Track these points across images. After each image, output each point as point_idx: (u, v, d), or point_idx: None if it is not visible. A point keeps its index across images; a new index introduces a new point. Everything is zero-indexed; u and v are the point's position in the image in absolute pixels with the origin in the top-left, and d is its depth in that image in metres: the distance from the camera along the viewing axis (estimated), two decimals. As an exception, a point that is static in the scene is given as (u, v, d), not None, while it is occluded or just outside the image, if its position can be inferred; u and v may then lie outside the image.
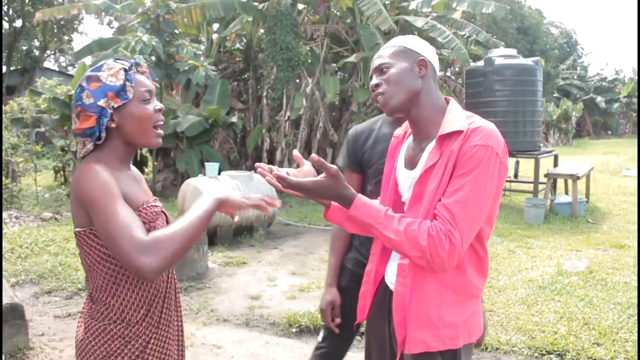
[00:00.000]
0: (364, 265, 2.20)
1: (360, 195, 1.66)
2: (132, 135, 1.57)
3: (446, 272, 1.63)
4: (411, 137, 1.84)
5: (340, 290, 2.38)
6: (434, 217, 1.61)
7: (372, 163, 2.30)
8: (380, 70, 1.76)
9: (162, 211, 1.64)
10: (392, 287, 1.82)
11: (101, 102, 1.52)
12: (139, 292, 1.57)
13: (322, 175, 1.61)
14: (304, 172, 1.74)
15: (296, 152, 1.72)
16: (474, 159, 1.59)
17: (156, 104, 1.61)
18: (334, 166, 1.60)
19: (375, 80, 1.77)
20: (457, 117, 1.70)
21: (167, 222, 1.62)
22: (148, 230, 1.46)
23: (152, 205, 1.58)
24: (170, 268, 1.52)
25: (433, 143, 1.69)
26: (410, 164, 1.79)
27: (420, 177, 1.71)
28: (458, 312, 1.70)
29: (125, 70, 1.56)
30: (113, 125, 1.55)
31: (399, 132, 1.94)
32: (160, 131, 1.62)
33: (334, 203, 1.74)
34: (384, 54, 1.78)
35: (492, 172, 1.60)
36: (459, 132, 1.64)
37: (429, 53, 1.77)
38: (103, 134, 1.55)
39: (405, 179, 1.80)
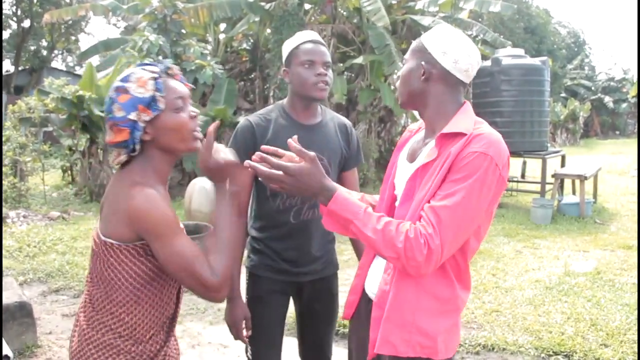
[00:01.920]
0: (276, 270, 2.21)
1: (341, 189, 1.59)
2: (170, 144, 1.52)
3: (422, 277, 1.56)
4: (422, 132, 1.81)
5: (256, 300, 2.24)
6: (420, 218, 1.54)
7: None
8: (404, 61, 1.77)
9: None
10: (371, 295, 1.81)
11: (132, 116, 1.45)
12: (155, 313, 1.55)
13: (302, 162, 1.54)
14: (287, 157, 1.63)
15: (290, 140, 1.57)
16: (471, 166, 1.51)
17: (191, 110, 1.53)
18: (312, 153, 1.55)
19: (399, 71, 1.79)
20: (464, 120, 1.64)
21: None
22: None
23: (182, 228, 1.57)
24: None
25: (434, 141, 1.65)
26: (411, 157, 1.77)
27: (414, 173, 1.67)
28: (435, 322, 1.63)
29: (155, 78, 1.47)
30: (147, 138, 1.48)
31: (413, 126, 1.92)
32: (199, 134, 1.56)
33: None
34: (411, 47, 1.75)
35: (489, 184, 1.52)
36: (461, 135, 1.58)
37: (442, 50, 1.64)
38: (137, 147, 1.48)
39: (403, 172, 1.78)
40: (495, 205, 1.62)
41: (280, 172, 1.51)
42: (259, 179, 1.64)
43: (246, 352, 2.31)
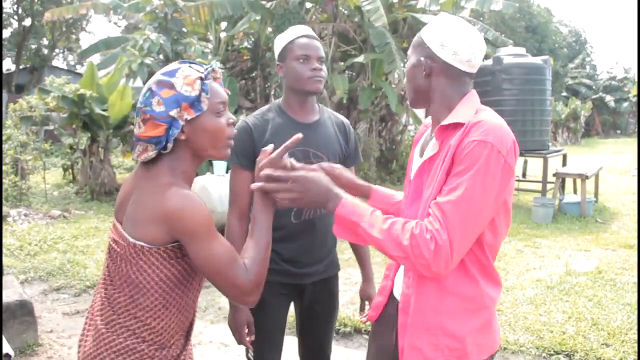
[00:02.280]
0: (278, 273, 2.18)
1: (346, 194, 1.55)
2: (203, 148, 1.47)
3: (436, 276, 1.47)
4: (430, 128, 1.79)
5: (258, 304, 2.11)
6: (428, 215, 1.50)
7: None
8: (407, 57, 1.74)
9: None
10: (398, 297, 1.76)
11: (173, 112, 1.40)
12: (181, 318, 1.53)
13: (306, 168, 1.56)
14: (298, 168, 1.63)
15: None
16: (471, 156, 1.45)
17: (229, 116, 1.50)
18: (314, 165, 1.57)
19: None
20: (464, 110, 1.58)
21: None
22: None
23: None
24: None
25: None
26: (421, 152, 1.75)
27: (420, 168, 1.65)
28: (462, 322, 1.57)
29: (202, 78, 1.44)
30: (183, 137, 1.44)
31: (428, 120, 1.84)
32: (231, 142, 1.53)
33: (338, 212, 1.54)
34: (413, 42, 1.71)
35: (492, 172, 1.45)
36: (460, 125, 1.53)
37: (440, 43, 1.58)
38: (170, 145, 1.44)
39: (415, 167, 1.75)
40: (510, 196, 1.55)
41: (287, 185, 1.50)
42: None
43: (247, 353, 2.30)
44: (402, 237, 1.45)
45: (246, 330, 2.17)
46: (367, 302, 2.41)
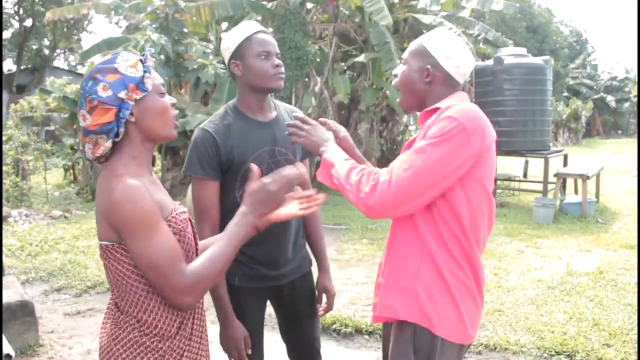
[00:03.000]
0: (254, 277, 2.16)
1: (337, 147, 1.87)
2: (153, 129, 1.49)
3: (370, 211, 1.64)
4: None
5: (236, 311, 2.12)
6: None
7: (242, 161, 2.05)
8: (402, 61, 1.87)
9: (188, 218, 1.57)
10: None
11: (122, 94, 1.42)
12: (172, 308, 1.51)
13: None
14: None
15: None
16: (437, 128, 1.62)
17: (169, 97, 1.54)
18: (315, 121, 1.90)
19: (395, 69, 1.89)
20: (447, 101, 1.75)
21: (192, 227, 1.58)
22: (178, 241, 1.46)
23: (180, 212, 1.53)
24: None
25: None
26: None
27: (402, 151, 1.80)
28: (433, 296, 1.69)
29: (141, 61, 1.48)
30: (132, 119, 1.45)
31: None
32: (177, 122, 1.57)
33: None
34: (408, 48, 1.86)
35: (454, 146, 1.59)
36: (437, 109, 1.71)
37: (446, 55, 1.75)
38: (122, 129, 1.45)
39: None
40: (488, 181, 1.71)
41: (307, 126, 1.89)
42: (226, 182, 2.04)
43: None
44: (355, 173, 1.69)
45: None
46: (324, 295, 2.40)
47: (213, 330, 2.25)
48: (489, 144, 1.67)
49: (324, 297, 2.40)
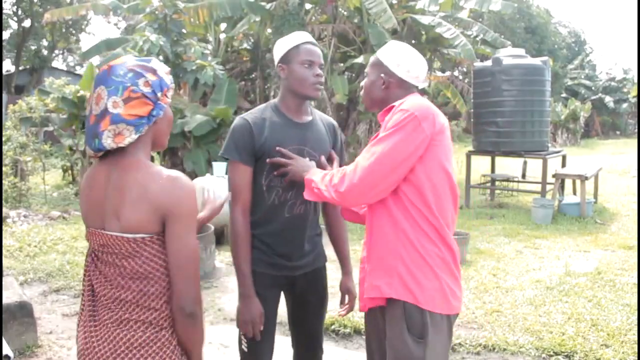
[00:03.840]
0: (271, 265, 2.30)
1: (317, 170, 2.08)
2: (161, 135, 1.57)
3: (343, 201, 1.91)
4: None
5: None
6: None
7: (272, 153, 2.20)
8: (365, 74, 2.15)
9: None
10: None
11: (159, 95, 1.49)
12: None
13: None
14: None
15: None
16: (392, 121, 1.86)
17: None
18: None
19: (362, 82, 2.18)
20: (401, 101, 1.97)
21: None
22: None
23: None
24: None
25: None
26: None
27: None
28: (417, 270, 1.86)
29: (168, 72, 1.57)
30: (157, 121, 1.51)
31: None
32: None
33: None
34: (369, 61, 2.13)
35: (408, 132, 1.82)
36: (392, 107, 1.94)
37: (396, 62, 2.01)
38: (147, 127, 1.48)
39: None
40: (447, 161, 1.91)
41: (290, 161, 2.13)
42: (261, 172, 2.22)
43: (240, 344, 2.34)
44: (328, 176, 1.96)
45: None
46: (346, 296, 2.54)
47: (212, 331, 2.26)
48: (440, 128, 1.88)
49: (346, 299, 2.55)
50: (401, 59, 2.01)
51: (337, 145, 2.43)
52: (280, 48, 2.28)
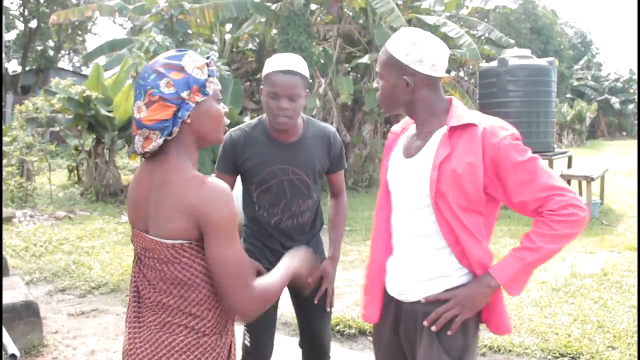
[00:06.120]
0: (263, 258, 2.37)
1: (489, 269, 1.74)
2: (205, 133, 1.48)
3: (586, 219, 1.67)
4: (409, 131, 1.90)
5: None
6: (528, 208, 1.72)
7: (255, 171, 2.33)
8: (378, 75, 1.86)
9: None
10: (397, 296, 1.87)
11: (184, 94, 1.40)
12: (233, 313, 1.53)
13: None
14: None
15: None
16: (514, 152, 1.73)
17: (223, 106, 1.54)
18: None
19: (375, 83, 1.90)
20: (464, 113, 1.77)
21: None
22: None
23: None
24: None
25: (439, 136, 1.75)
26: (407, 153, 1.85)
27: (433, 168, 1.74)
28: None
29: (207, 64, 1.47)
30: (188, 120, 1.43)
31: (396, 128, 2.00)
32: (226, 128, 1.60)
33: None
34: (379, 59, 1.85)
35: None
36: (472, 126, 1.71)
37: (417, 59, 1.72)
38: (176, 129, 1.42)
39: (399, 168, 1.86)
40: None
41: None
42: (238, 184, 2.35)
43: (243, 339, 2.40)
44: (564, 223, 1.69)
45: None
46: (322, 277, 2.45)
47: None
48: None
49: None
50: (422, 53, 1.71)
51: (331, 155, 2.44)
52: (264, 70, 2.30)
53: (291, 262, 1.64)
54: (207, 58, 1.49)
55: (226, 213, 1.38)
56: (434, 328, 1.73)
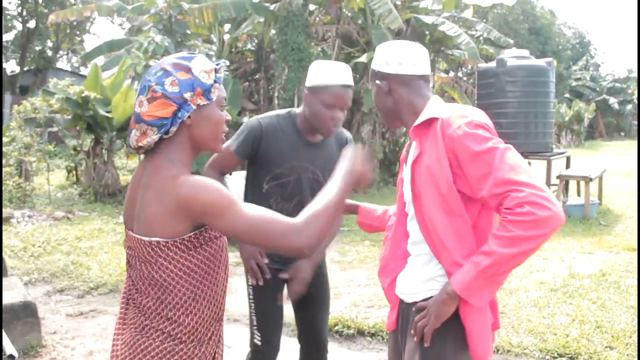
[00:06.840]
0: (273, 262, 2.36)
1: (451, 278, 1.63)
2: (203, 138, 1.48)
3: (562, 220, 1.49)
4: None
5: (262, 287, 2.35)
6: (492, 203, 1.56)
7: (276, 163, 2.32)
8: None
9: None
10: (406, 298, 1.86)
11: (187, 95, 1.41)
12: (213, 308, 1.50)
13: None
14: None
15: None
16: (472, 140, 1.60)
17: (226, 113, 1.53)
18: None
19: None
20: (431, 109, 1.73)
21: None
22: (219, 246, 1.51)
23: None
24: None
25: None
26: (406, 160, 1.87)
27: (411, 173, 1.74)
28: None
29: (216, 70, 1.48)
30: (188, 122, 1.44)
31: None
32: (223, 137, 1.56)
33: None
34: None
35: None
36: (433, 120, 1.69)
37: (385, 61, 1.79)
38: (174, 128, 1.43)
39: (405, 176, 1.86)
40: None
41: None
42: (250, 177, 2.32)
43: (252, 338, 2.43)
44: (516, 224, 1.51)
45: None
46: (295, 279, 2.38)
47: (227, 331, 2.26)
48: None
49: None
50: (388, 55, 1.79)
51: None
52: (314, 76, 2.27)
53: (339, 170, 1.53)
54: (217, 64, 1.50)
55: (214, 193, 1.37)
56: (415, 338, 1.71)
